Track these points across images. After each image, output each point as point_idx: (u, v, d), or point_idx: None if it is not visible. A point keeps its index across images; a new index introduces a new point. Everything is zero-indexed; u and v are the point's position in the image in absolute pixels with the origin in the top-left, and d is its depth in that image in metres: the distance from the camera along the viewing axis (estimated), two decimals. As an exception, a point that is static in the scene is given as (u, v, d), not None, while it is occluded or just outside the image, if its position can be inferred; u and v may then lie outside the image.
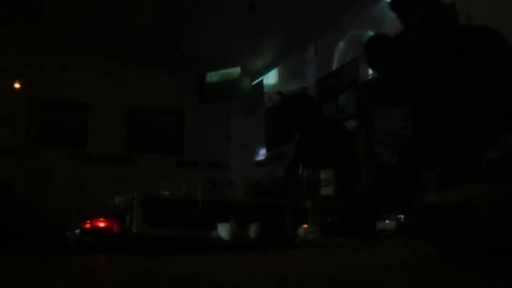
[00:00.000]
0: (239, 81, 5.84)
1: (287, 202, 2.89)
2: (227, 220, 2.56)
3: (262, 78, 6.04)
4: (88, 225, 2.58)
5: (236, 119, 6.49)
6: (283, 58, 5.65)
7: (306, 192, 2.86)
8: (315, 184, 2.87)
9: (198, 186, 2.71)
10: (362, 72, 4.21)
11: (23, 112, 5.54)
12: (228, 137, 6.43)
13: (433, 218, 1.48)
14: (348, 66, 4.43)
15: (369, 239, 2.27)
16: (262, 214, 2.76)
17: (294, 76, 5.29)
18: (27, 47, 5.29)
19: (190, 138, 6.30)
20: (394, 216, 2.20)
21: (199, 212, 2.60)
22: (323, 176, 2.87)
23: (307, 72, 5.05)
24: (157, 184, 2.81)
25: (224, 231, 2.53)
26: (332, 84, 4.68)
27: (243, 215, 2.67)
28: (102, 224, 2.60)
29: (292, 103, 4.03)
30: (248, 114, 6.30)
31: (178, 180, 2.81)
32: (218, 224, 2.56)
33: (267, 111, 5.87)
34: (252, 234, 2.59)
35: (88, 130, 5.83)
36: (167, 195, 2.67)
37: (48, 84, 5.55)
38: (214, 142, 6.28)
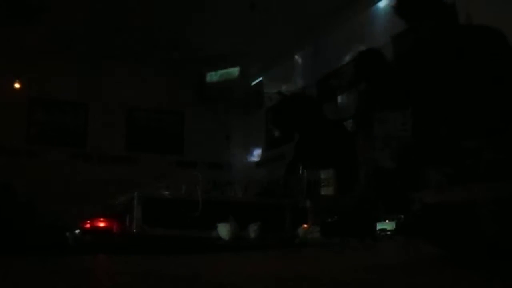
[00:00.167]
0: (239, 81, 5.84)
1: (287, 202, 2.89)
2: (227, 220, 2.55)
3: (262, 78, 6.03)
4: (88, 225, 2.58)
5: (236, 119, 6.48)
6: (283, 58, 5.64)
7: (306, 192, 2.85)
8: (315, 184, 2.87)
9: (198, 186, 2.71)
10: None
11: (23, 112, 5.53)
12: (228, 137, 6.43)
13: (433, 218, 1.48)
14: (348, 66, 4.43)
15: (369, 239, 2.27)
16: (262, 214, 2.76)
17: (294, 76, 5.29)
18: (27, 47, 5.29)
19: (190, 138, 6.30)
20: (394, 216, 2.20)
21: (199, 212, 2.60)
22: (323, 176, 2.87)
23: (307, 72, 5.04)
24: (157, 184, 2.81)
25: (224, 231, 2.53)
26: (332, 84, 4.68)
27: (243, 215, 2.67)
28: (102, 224, 2.60)
29: (292, 103, 4.03)
30: (248, 114, 6.29)
31: (178, 180, 2.81)
32: (218, 224, 2.56)
33: (267, 111, 5.86)
34: (252, 234, 2.59)
35: (88, 130, 5.83)
36: (167, 195, 2.67)
37: (48, 84, 5.54)
38: (214, 142, 6.27)
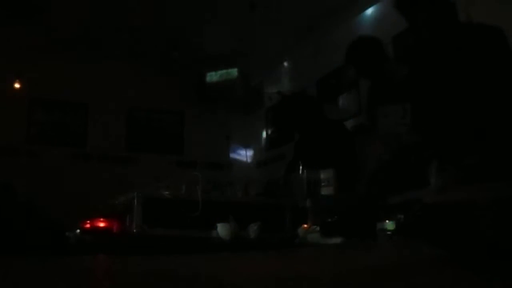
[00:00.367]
0: (239, 81, 5.83)
1: (287, 202, 2.89)
2: (227, 220, 2.56)
3: (262, 78, 6.03)
4: (88, 225, 2.59)
5: (236, 119, 6.48)
6: (283, 58, 5.64)
7: (306, 192, 2.86)
8: (315, 184, 2.87)
9: (198, 186, 2.71)
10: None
11: (23, 112, 5.53)
12: (228, 137, 6.42)
13: (433, 218, 1.48)
14: (348, 66, 4.42)
15: (369, 239, 2.27)
16: (262, 214, 2.76)
17: (294, 76, 5.29)
18: (27, 47, 5.28)
19: (190, 138, 6.29)
20: (394, 216, 2.20)
21: (199, 212, 2.60)
22: (323, 176, 2.87)
23: (307, 72, 5.04)
24: (157, 184, 2.81)
25: (224, 231, 2.54)
26: (332, 84, 4.68)
27: (243, 215, 2.67)
28: (102, 224, 2.60)
29: (292, 103, 4.04)
30: (248, 114, 6.29)
31: (178, 180, 2.81)
32: (218, 224, 2.56)
33: (267, 111, 5.86)
34: (252, 234, 2.59)
35: (88, 130, 5.82)
36: (167, 195, 2.67)
37: (48, 84, 5.53)
38: (214, 142, 6.27)
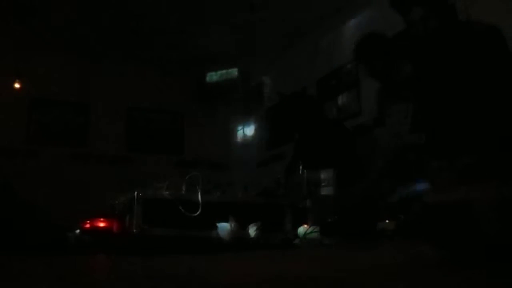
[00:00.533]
0: (239, 81, 5.84)
1: (287, 202, 2.89)
2: (227, 220, 2.55)
3: (262, 78, 6.03)
4: (88, 225, 2.58)
5: (236, 119, 6.48)
6: (282, 58, 5.64)
7: (306, 192, 2.85)
8: (315, 184, 2.87)
9: (198, 186, 2.71)
10: (362, 72, 4.21)
11: (23, 112, 5.53)
12: (229, 136, 6.43)
13: (433, 218, 1.48)
14: (348, 66, 4.43)
15: (369, 239, 2.27)
16: (262, 214, 2.75)
17: (294, 76, 5.29)
18: (27, 47, 5.29)
19: (190, 138, 6.30)
20: (394, 216, 2.20)
21: (199, 212, 2.59)
22: (323, 176, 2.87)
23: (307, 72, 5.04)
24: (157, 184, 2.81)
25: (224, 231, 2.53)
26: (332, 84, 4.68)
27: (243, 215, 2.66)
28: (102, 224, 2.60)
29: (292, 103, 4.03)
30: (248, 114, 6.29)
31: (178, 180, 2.81)
32: (218, 224, 2.55)
33: (267, 111, 5.86)
34: (252, 234, 2.59)
35: (88, 130, 5.83)
36: (167, 195, 2.67)
37: (48, 84, 5.54)
38: (214, 142, 6.27)
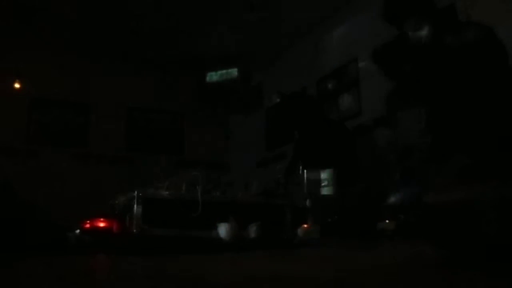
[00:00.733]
0: (239, 81, 5.83)
1: (287, 202, 2.89)
2: (227, 220, 2.55)
3: (262, 78, 6.03)
4: (88, 225, 2.58)
5: (236, 119, 6.48)
6: (282, 58, 5.64)
7: (306, 192, 2.86)
8: (315, 184, 2.87)
9: (198, 186, 2.71)
10: (362, 72, 4.21)
11: (23, 112, 5.53)
12: (228, 137, 6.42)
13: (433, 218, 1.48)
14: (348, 66, 4.43)
15: (369, 239, 2.27)
16: (262, 214, 2.76)
17: (294, 76, 5.28)
18: (27, 47, 5.29)
19: (190, 138, 6.30)
20: (395, 216, 2.20)
21: (199, 212, 2.60)
22: (323, 176, 2.87)
23: (307, 72, 5.04)
24: (157, 184, 2.81)
25: (224, 231, 2.53)
26: (332, 84, 4.68)
27: (243, 215, 2.67)
28: (102, 224, 2.60)
29: (292, 103, 4.04)
30: (248, 114, 6.29)
31: (178, 180, 2.80)
32: (218, 224, 2.55)
33: (267, 111, 5.86)
34: (252, 234, 2.59)
35: (89, 130, 5.83)
36: (167, 195, 2.67)
37: (48, 84, 5.53)
38: (214, 142, 6.27)
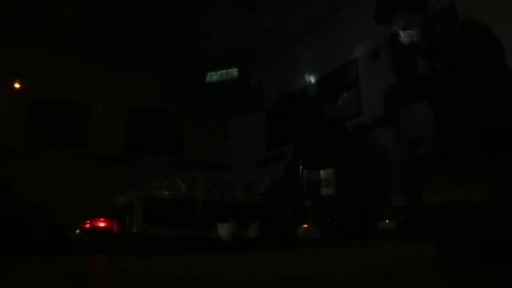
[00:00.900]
0: (239, 81, 5.83)
1: (287, 202, 2.89)
2: (227, 220, 2.55)
3: (262, 78, 6.03)
4: (88, 225, 2.59)
5: (236, 119, 6.48)
6: (282, 58, 5.64)
7: (306, 192, 2.86)
8: (315, 184, 2.87)
9: (198, 186, 2.71)
10: (362, 72, 4.21)
11: (23, 112, 5.53)
12: (228, 137, 6.42)
13: (433, 218, 1.48)
14: (348, 66, 4.43)
15: (369, 239, 2.27)
16: (262, 214, 2.76)
17: (294, 76, 5.29)
18: (27, 47, 5.29)
19: (190, 138, 6.30)
20: (395, 216, 2.20)
21: (199, 212, 2.60)
22: (323, 176, 2.87)
23: (307, 72, 5.04)
24: (157, 184, 2.81)
25: (224, 231, 2.53)
26: (332, 84, 4.68)
27: (243, 215, 2.67)
28: (102, 224, 2.60)
29: (292, 103, 4.04)
30: (248, 114, 6.29)
31: (178, 180, 2.81)
32: (218, 224, 2.56)
33: (267, 111, 5.87)
34: (252, 234, 2.59)
35: (89, 130, 5.82)
36: (167, 195, 2.67)
37: (48, 84, 5.53)
38: (214, 142, 6.27)
